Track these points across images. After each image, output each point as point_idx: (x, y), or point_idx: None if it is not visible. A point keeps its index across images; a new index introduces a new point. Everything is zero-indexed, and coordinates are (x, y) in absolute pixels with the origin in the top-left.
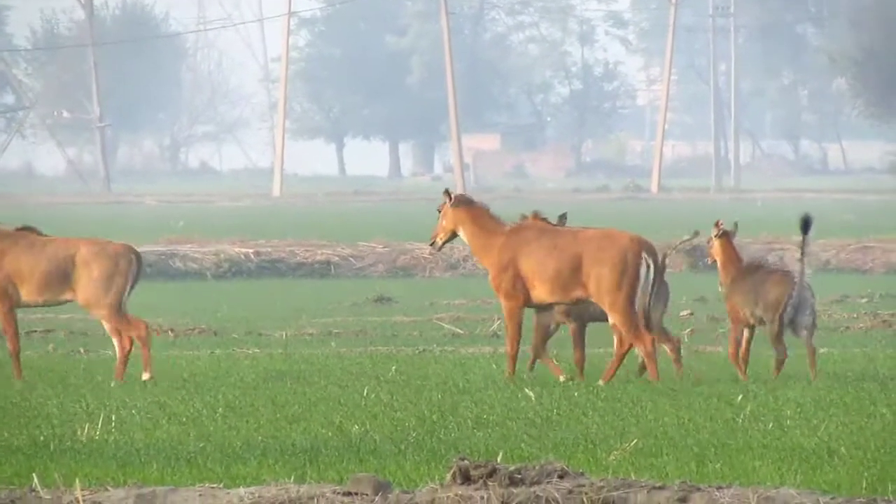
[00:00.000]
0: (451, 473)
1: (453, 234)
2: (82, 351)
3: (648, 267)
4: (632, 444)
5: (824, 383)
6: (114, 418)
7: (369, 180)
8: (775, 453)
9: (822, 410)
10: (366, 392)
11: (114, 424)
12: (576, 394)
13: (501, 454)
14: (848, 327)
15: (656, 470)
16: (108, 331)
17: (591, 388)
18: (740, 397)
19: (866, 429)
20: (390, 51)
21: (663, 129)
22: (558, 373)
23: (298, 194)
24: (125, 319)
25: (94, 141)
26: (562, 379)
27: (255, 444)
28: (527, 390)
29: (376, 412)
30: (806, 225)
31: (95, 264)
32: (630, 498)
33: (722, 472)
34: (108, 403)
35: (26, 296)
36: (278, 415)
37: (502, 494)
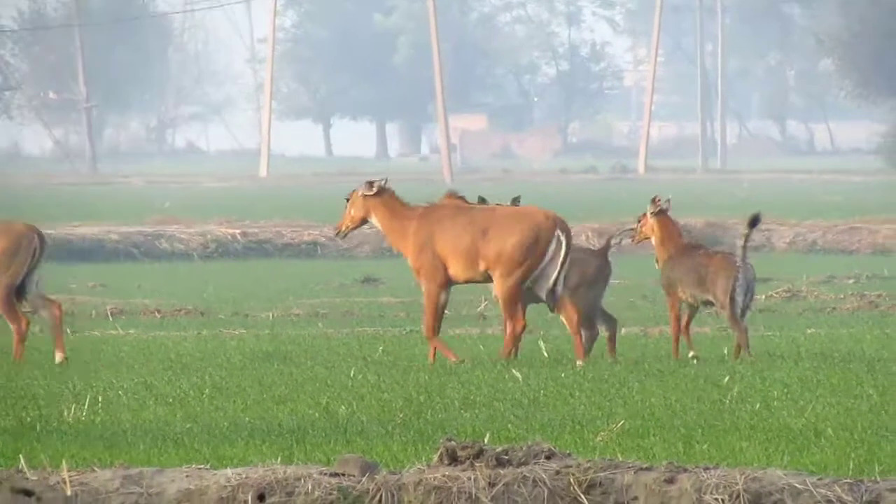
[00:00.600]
0: (439, 454)
1: (362, 222)
2: (68, 332)
3: (560, 244)
4: (619, 424)
5: (811, 364)
6: (100, 399)
7: (356, 161)
8: (762, 434)
9: (809, 391)
10: (353, 373)
11: (100, 405)
12: (563, 375)
13: (489, 435)
14: (835, 308)
15: (643, 451)
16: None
17: (579, 370)
18: (727, 378)
19: (853, 410)
20: (377, 31)
21: (650, 109)
22: (451, 354)
23: (285, 175)
24: (40, 299)
25: (80, 122)
26: (453, 360)
27: (242, 425)
28: (514, 371)
29: (363, 393)
30: (754, 222)
31: None
32: (617, 478)
33: (709, 453)
34: (94, 384)
35: None
36: (265, 396)
37: (489, 475)
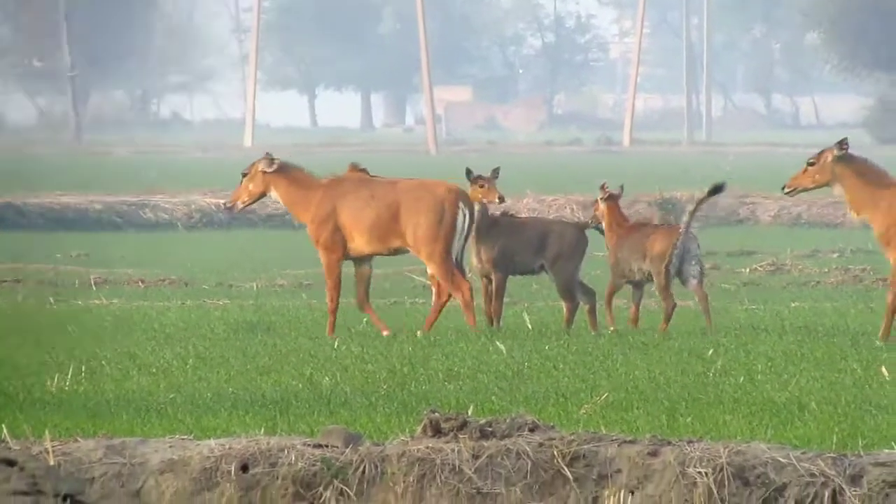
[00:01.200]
0: (422, 426)
1: (260, 196)
2: (52, 301)
3: (465, 216)
4: (602, 397)
5: (795, 338)
6: (83, 369)
7: (341, 131)
8: (746, 407)
9: (793, 365)
10: (336, 344)
11: (83, 375)
12: (547, 347)
13: (472, 407)
14: (819, 282)
15: (627, 423)
16: None
17: (563, 342)
18: (711, 351)
19: (837, 383)
20: (362, 1)
21: (635, 82)
22: (383, 327)
23: (270, 145)
24: None
25: (64, 91)
26: (385, 333)
27: (226, 396)
28: (498, 343)
29: (347, 364)
30: (716, 190)
31: None
32: (600, 451)
33: (693, 426)
34: (77, 354)
35: None
36: (249, 366)
37: (473, 447)
